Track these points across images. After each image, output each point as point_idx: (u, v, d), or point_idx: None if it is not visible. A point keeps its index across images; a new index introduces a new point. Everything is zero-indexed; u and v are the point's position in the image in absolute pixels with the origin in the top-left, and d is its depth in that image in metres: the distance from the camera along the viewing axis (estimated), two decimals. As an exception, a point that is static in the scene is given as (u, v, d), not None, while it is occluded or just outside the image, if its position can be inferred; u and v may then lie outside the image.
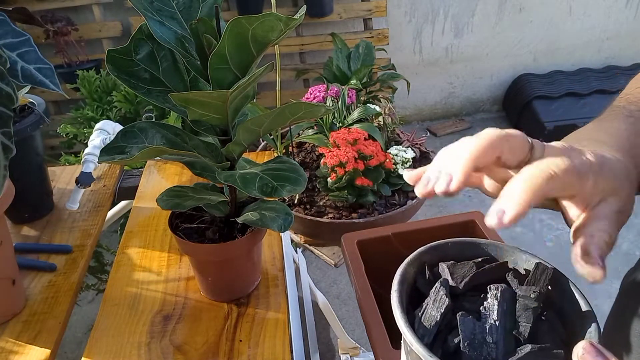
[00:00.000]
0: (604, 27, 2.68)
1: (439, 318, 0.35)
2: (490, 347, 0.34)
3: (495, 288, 0.36)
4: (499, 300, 0.35)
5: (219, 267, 0.65)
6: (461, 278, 0.39)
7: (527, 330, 0.34)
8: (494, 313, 0.35)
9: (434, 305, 0.36)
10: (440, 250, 0.43)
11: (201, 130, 0.57)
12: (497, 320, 0.35)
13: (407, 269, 0.41)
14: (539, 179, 0.32)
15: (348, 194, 1.04)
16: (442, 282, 0.38)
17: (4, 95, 0.49)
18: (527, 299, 0.35)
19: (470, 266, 0.39)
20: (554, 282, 0.38)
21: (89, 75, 1.65)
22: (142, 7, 0.50)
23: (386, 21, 2.48)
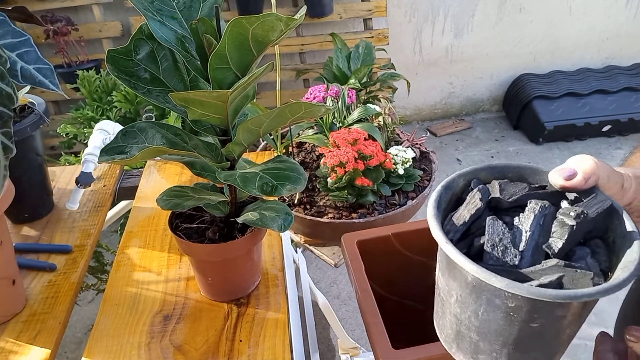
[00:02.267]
0: (604, 27, 2.68)
1: (468, 219, 0.36)
2: (514, 254, 0.33)
3: (535, 202, 0.35)
4: (535, 213, 0.35)
5: (219, 267, 0.65)
6: (510, 195, 0.37)
7: (558, 246, 0.33)
8: (527, 224, 0.34)
9: (466, 207, 0.37)
10: (498, 170, 0.40)
11: (201, 130, 0.57)
12: (528, 231, 0.34)
13: (457, 179, 0.40)
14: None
15: (348, 194, 1.04)
16: (481, 188, 0.37)
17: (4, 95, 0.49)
18: (566, 216, 0.34)
19: (523, 187, 0.38)
20: (611, 216, 0.36)
21: (89, 75, 1.65)
22: (143, 6, 0.50)
23: (386, 21, 2.48)
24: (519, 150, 2.54)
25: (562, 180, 0.36)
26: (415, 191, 1.10)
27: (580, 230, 0.34)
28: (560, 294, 0.30)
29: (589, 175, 0.36)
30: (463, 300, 0.35)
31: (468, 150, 2.59)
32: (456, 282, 0.35)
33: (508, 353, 0.35)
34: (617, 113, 2.50)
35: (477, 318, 0.35)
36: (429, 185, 1.10)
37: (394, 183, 1.08)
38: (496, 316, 0.34)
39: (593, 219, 0.35)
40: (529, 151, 2.52)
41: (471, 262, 0.32)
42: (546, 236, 0.34)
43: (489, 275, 0.31)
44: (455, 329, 0.38)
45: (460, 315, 0.36)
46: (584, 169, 0.37)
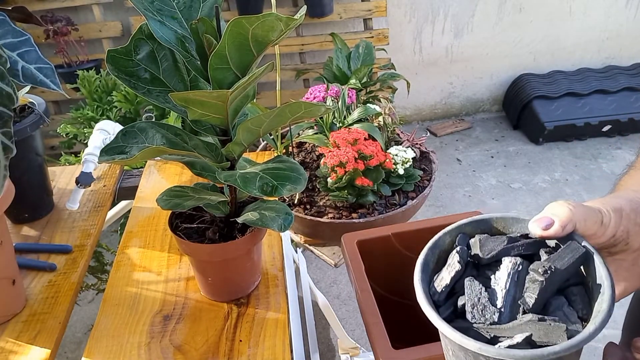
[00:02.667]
0: (604, 27, 2.68)
1: (449, 282, 0.38)
2: (492, 311, 0.36)
3: (509, 260, 0.37)
4: (509, 271, 0.37)
5: (219, 267, 0.65)
6: (489, 251, 0.39)
7: (532, 302, 0.35)
8: (502, 282, 0.37)
9: (447, 270, 0.39)
10: (482, 223, 0.42)
11: (201, 130, 0.57)
12: (504, 289, 0.36)
13: (444, 237, 0.42)
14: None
15: (348, 194, 1.04)
16: (460, 250, 0.40)
17: (4, 95, 0.49)
18: (536, 272, 0.36)
19: (502, 240, 0.40)
20: (587, 262, 0.38)
21: (89, 75, 1.65)
22: (143, 6, 0.50)
23: (386, 21, 2.48)
24: (519, 150, 2.54)
25: (540, 230, 0.39)
26: (415, 191, 1.10)
27: (551, 284, 0.36)
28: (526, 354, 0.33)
29: (565, 223, 0.38)
30: (456, 355, 0.38)
31: (468, 150, 2.59)
32: (448, 340, 0.38)
33: None
34: (617, 113, 2.50)
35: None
36: (429, 185, 1.10)
37: (394, 183, 1.08)
38: None
39: (566, 269, 0.37)
40: (529, 151, 2.52)
41: (449, 328, 0.35)
42: (521, 291, 0.37)
43: (463, 339, 0.34)
44: None
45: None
46: (560, 217, 0.39)
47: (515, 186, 2.31)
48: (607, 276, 0.36)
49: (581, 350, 0.37)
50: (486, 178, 2.38)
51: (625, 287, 0.45)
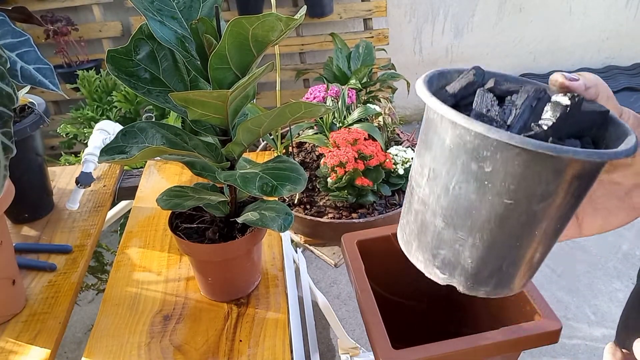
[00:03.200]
0: (604, 27, 2.68)
1: (457, 90, 0.34)
2: (500, 126, 0.31)
3: (530, 85, 0.33)
4: (529, 94, 0.32)
5: (219, 267, 0.65)
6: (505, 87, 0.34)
7: (549, 124, 0.30)
8: (519, 102, 0.32)
9: (459, 80, 0.35)
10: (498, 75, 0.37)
11: (201, 130, 0.57)
12: (519, 109, 0.31)
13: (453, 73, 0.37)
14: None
15: (348, 194, 1.04)
16: (477, 68, 0.35)
17: (4, 95, 0.49)
18: (561, 98, 0.31)
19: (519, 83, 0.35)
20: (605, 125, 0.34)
21: (89, 75, 1.65)
22: (143, 6, 0.50)
23: (386, 21, 2.48)
24: (519, 150, 2.53)
25: (563, 78, 0.34)
26: (415, 191, 1.10)
27: (573, 117, 0.31)
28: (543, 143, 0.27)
29: (590, 85, 0.35)
30: (435, 174, 0.33)
31: (468, 150, 2.59)
32: (431, 153, 0.33)
33: (473, 244, 0.32)
34: (617, 113, 2.50)
35: (447, 195, 0.32)
36: (429, 185, 1.10)
37: (394, 183, 1.08)
38: (468, 189, 0.31)
39: (588, 114, 0.33)
40: (529, 151, 2.52)
41: (452, 110, 0.30)
42: (537, 119, 0.32)
43: (469, 121, 0.29)
44: (419, 220, 0.35)
45: (428, 199, 0.34)
46: (587, 77, 0.35)
47: (515, 186, 2.31)
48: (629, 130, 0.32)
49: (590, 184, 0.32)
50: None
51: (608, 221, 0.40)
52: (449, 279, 0.34)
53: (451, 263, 0.34)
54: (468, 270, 0.33)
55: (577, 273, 1.77)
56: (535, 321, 0.61)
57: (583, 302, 1.65)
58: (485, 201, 0.31)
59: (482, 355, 0.58)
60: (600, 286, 1.71)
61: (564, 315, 1.60)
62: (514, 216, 0.30)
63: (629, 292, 0.68)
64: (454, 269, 0.34)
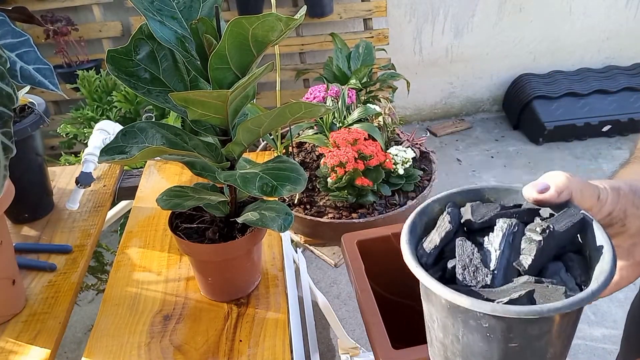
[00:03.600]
0: (604, 27, 2.68)
1: (438, 242, 0.36)
2: (485, 273, 0.33)
3: (503, 221, 0.35)
4: (504, 232, 0.34)
5: (219, 267, 0.65)
6: (481, 216, 0.37)
7: (528, 262, 0.33)
8: (496, 243, 0.34)
9: (437, 231, 0.37)
10: (473, 193, 0.40)
11: (201, 130, 0.57)
12: (498, 250, 0.34)
13: (432, 205, 0.40)
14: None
15: (348, 194, 1.04)
16: (451, 211, 0.37)
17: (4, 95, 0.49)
18: (533, 232, 0.34)
19: (495, 207, 0.38)
20: (585, 230, 0.36)
21: (89, 75, 1.65)
22: (143, 6, 0.50)
23: (386, 21, 2.48)
24: (519, 150, 2.54)
25: (535, 193, 0.37)
26: (415, 191, 1.10)
27: (549, 246, 0.34)
28: (523, 309, 0.30)
29: (561, 189, 0.37)
30: (443, 324, 0.36)
31: (468, 150, 2.59)
32: (434, 307, 0.36)
33: None
34: (617, 113, 2.50)
35: (459, 342, 0.35)
36: (429, 185, 1.10)
37: (394, 183, 1.08)
38: (475, 338, 0.34)
39: (564, 232, 0.35)
40: (529, 151, 2.52)
41: (438, 284, 0.32)
42: (517, 254, 0.34)
43: (454, 295, 0.31)
44: (443, 356, 0.38)
45: (444, 340, 0.36)
46: (556, 182, 0.37)
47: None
48: (607, 240, 0.34)
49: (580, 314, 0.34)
50: (486, 178, 2.38)
51: (620, 278, 0.43)
52: None
53: None
54: None
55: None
56: (535, 321, 0.60)
57: (583, 302, 1.65)
58: (493, 347, 0.33)
59: (482, 355, 0.58)
60: (600, 286, 1.71)
61: (564, 315, 1.60)
62: (524, 353, 0.33)
63: (629, 292, 0.68)
64: None
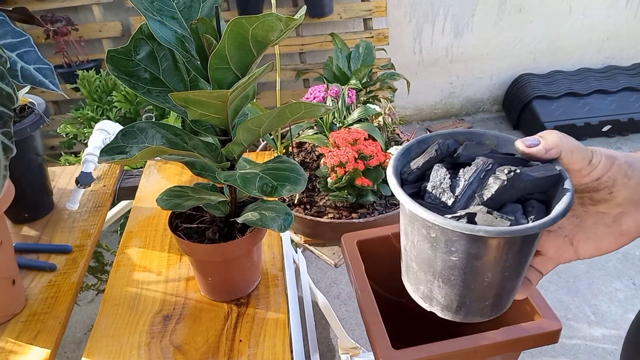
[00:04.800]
0: (604, 27, 2.68)
1: (421, 165, 0.41)
2: (449, 196, 0.38)
3: (481, 159, 0.39)
4: (478, 167, 0.38)
5: (219, 267, 0.65)
6: (470, 153, 0.41)
7: (487, 196, 0.37)
8: (468, 175, 0.38)
9: (424, 155, 0.42)
10: (476, 136, 0.43)
11: (201, 130, 0.57)
12: (467, 181, 0.38)
13: (434, 137, 0.43)
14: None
15: (348, 194, 1.04)
16: (442, 142, 0.42)
17: (4, 95, 0.49)
18: (501, 172, 0.37)
19: (485, 149, 0.41)
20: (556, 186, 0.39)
21: (89, 75, 1.65)
22: (143, 7, 0.50)
23: (386, 21, 2.48)
24: (519, 150, 2.53)
25: (524, 147, 0.40)
26: (415, 191, 1.10)
27: (513, 188, 0.37)
28: (458, 224, 0.34)
29: (550, 147, 0.39)
30: (406, 231, 0.41)
31: (468, 150, 2.59)
32: (403, 216, 0.41)
33: (438, 285, 0.40)
34: (617, 113, 2.50)
35: (415, 247, 0.40)
36: (429, 185, 1.10)
37: (394, 183, 1.07)
38: (425, 246, 0.38)
39: (532, 180, 0.38)
40: (529, 151, 2.52)
41: (405, 195, 0.37)
42: (483, 188, 0.38)
43: (413, 205, 0.36)
44: (405, 261, 0.43)
45: (405, 246, 0.42)
46: (546, 140, 0.39)
47: (515, 186, 2.31)
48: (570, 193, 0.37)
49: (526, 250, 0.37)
50: (486, 178, 2.38)
51: (599, 246, 0.43)
52: (429, 308, 0.42)
53: (428, 296, 0.42)
54: (441, 302, 0.41)
55: (577, 273, 1.77)
56: (535, 321, 0.61)
57: (583, 302, 1.65)
58: (437, 256, 0.38)
59: (482, 355, 0.58)
60: (600, 286, 1.71)
61: (564, 315, 1.61)
62: (462, 267, 0.37)
63: (629, 292, 0.66)
64: (430, 300, 0.42)
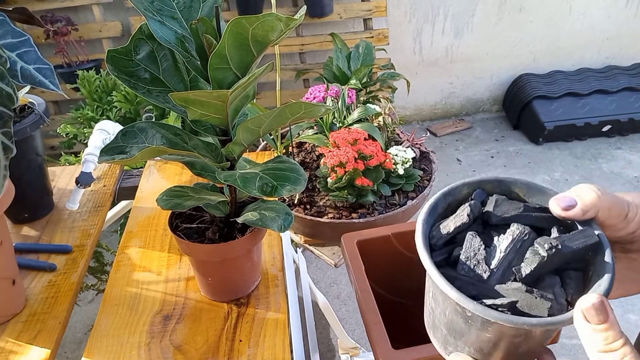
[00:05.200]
0: (604, 27, 2.68)
1: (452, 230, 0.38)
2: (484, 269, 0.35)
3: (517, 227, 0.37)
4: (514, 237, 0.36)
5: (219, 267, 0.65)
6: (502, 213, 0.38)
7: (526, 272, 0.35)
8: (504, 245, 0.36)
9: (454, 219, 0.38)
10: (505, 184, 0.41)
11: (201, 130, 0.57)
12: (503, 252, 0.36)
13: (461, 187, 0.41)
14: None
15: (348, 194, 1.04)
16: (473, 204, 0.39)
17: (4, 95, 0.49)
18: (541, 246, 0.35)
19: (518, 206, 0.38)
20: (595, 252, 0.37)
21: (89, 75, 1.65)
22: (143, 6, 0.50)
23: (386, 21, 2.48)
24: (519, 150, 2.53)
25: (560, 210, 0.37)
26: (415, 191, 1.10)
27: (552, 262, 0.35)
28: (500, 316, 0.33)
29: (588, 208, 0.37)
30: (435, 298, 0.38)
31: (468, 150, 2.59)
32: (430, 281, 0.38)
33: (469, 352, 0.38)
34: (617, 113, 2.50)
35: (445, 316, 0.38)
36: (429, 185, 1.10)
37: (394, 183, 1.08)
38: (457, 319, 0.36)
39: (572, 252, 0.36)
40: (529, 151, 2.52)
41: (436, 270, 0.35)
42: (519, 260, 0.36)
43: (447, 287, 0.34)
44: (431, 320, 0.42)
45: (434, 309, 0.40)
46: (584, 200, 0.37)
47: (515, 186, 2.31)
48: (611, 270, 0.35)
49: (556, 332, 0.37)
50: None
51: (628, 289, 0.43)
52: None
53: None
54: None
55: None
56: (535, 321, 0.60)
57: (583, 302, 1.64)
58: (472, 331, 0.36)
59: (482, 355, 0.58)
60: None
61: (564, 315, 1.60)
62: (496, 342, 0.36)
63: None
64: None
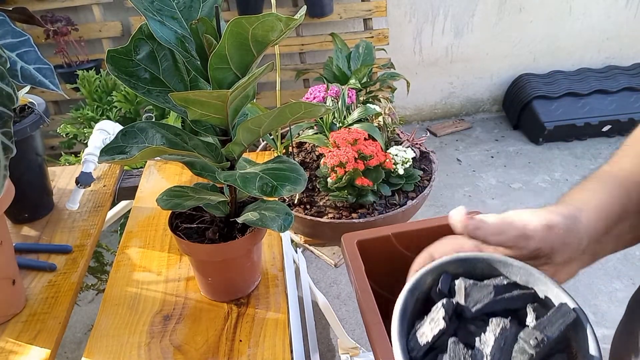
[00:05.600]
0: (604, 27, 2.68)
1: (430, 339, 0.36)
2: None
3: (496, 324, 0.36)
4: (496, 336, 0.35)
5: (219, 267, 0.65)
6: (475, 302, 0.37)
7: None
8: (488, 347, 0.35)
9: (430, 325, 0.37)
10: (467, 263, 0.40)
11: (201, 130, 0.57)
12: (489, 355, 0.34)
13: (424, 277, 0.40)
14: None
15: (348, 194, 1.04)
16: (446, 303, 0.37)
17: (4, 95, 0.49)
18: (527, 343, 0.35)
19: (489, 291, 0.38)
20: (575, 327, 0.36)
21: (89, 75, 1.65)
22: (143, 6, 0.50)
23: (386, 21, 2.48)
24: (519, 150, 2.54)
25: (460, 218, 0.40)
26: (415, 191, 1.10)
27: (540, 355, 0.35)
28: None
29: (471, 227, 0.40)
30: None
31: (468, 150, 2.59)
32: None
33: None
34: (617, 113, 2.50)
35: None
36: (429, 185, 1.10)
37: (394, 183, 1.08)
38: None
39: (555, 339, 0.35)
40: (528, 151, 2.52)
41: None
42: (507, 358, 0.35)
43: None
44: None
45: None
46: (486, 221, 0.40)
47: (515, 186, 2.31)
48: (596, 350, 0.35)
49: None
50: (486, 178, 2.38)
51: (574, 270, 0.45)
52: None
53: None
54: None
55: (577, 273, 1.77)
56: (535, 321, 0.60)
57: (583, 302, 1.65)
58: None
59: (482, 355, 0.58)
60: (600, 286, 1.71)
61: (564, 315, 1.60)
62: None
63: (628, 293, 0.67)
64: None
